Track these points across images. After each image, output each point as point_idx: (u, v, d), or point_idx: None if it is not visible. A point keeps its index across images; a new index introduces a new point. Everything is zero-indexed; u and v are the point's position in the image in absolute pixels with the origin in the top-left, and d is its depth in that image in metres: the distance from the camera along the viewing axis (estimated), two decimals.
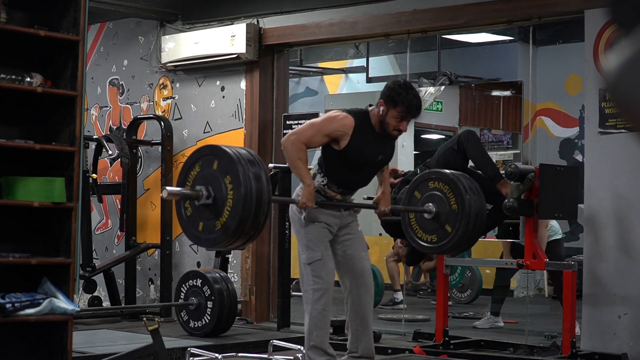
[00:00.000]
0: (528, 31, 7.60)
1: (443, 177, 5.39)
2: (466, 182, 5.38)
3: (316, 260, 4.91)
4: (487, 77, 10.42)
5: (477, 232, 5.39)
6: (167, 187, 4.41)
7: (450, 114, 9.77)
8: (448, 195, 5.33)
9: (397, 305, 9.11)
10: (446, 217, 5.31)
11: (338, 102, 9.19)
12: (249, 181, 4.25)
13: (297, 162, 4.77)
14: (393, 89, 4.89)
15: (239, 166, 4.25)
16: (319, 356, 4.97)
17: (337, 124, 4.85)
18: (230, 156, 4.30)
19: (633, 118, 1.44)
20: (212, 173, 4.34)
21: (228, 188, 4.27)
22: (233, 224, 4.24)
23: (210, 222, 4.32)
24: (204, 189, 4.33)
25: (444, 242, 5.33)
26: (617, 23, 1.52)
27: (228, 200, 4.26)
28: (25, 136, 4.94)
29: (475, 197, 5.34)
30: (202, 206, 4.33)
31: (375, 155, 4.95)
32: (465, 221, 5.25)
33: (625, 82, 1.42)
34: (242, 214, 4.22)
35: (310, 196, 4.75)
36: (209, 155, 4.40)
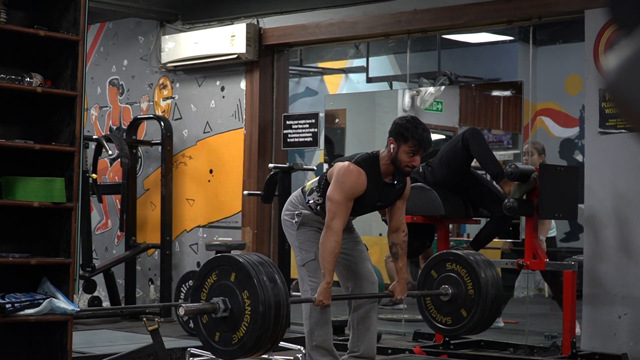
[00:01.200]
0: (528, 31, 7.59)
1: (461, 260, 5.37)
2: (484, 265, 5.35)
3: (310, 261, 4.93)
4: (487, 77, 10.41)
5: (492, 317, 5.39)
6: (183, 304, 4.40)
7: (450, 114, 9.75)
8: (465, 279, 5.32)
9: (397, 305, 9.10)
10: (463, 301, 5.32)
11: (338, 102, 9.18)
12: (267, 295, 4.24)
13: (329, 258, 4.73)
14: (401, 125, 4.86)
15: (256, 281, 4.26)
16: (322, 356, 4.96)
17: (357, 186, 4.79)
18: (247, 270, 4.28)
19: (633, 118, 1.43)
20: (226, 284, 4.33)
21: (245, 302, 4.27)
22: (251, 341, 4.25)
23: (227, 334, 4.33)
24: (220, 301, 4.33)
25: (459, 326, 5.34)
26: (617, 23, 1.52)
27: (245, 316, 4.27)
28: (25, 136, 4.94)
29: (493, 282, 5.30)
30: (220, 319, 4.34)
31: (375, 202, 4.97)
32: (482, 307, 5.25)
33: (625, 82, 1.42)
34: (260, 331, 4.23)
35: (327, 294, 4.75)
36: (226, 265, 4.38)
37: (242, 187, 8.19)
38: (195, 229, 8.55)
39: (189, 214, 8.58)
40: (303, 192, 5.04)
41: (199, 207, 8.52)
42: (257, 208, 8.16)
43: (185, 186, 8.62)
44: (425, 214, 6.41)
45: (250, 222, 8.20)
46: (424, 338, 6.88)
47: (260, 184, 7.92)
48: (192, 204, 8.57)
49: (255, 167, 8.19)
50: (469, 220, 6.71)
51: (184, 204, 8.60)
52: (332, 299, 4.81)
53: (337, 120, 8.74)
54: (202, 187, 8.52)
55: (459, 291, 5.31)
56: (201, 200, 8.52)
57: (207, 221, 8.48)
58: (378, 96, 9.53)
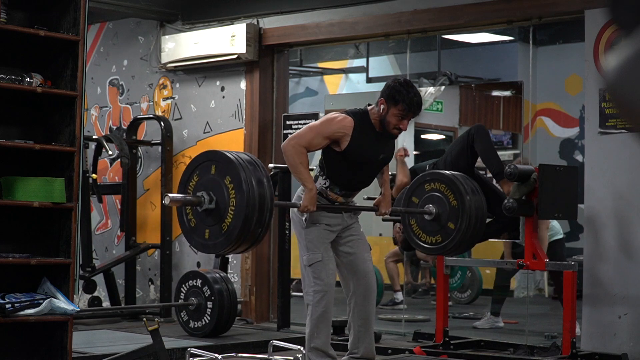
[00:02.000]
0: (528, 31, 7.59)
1: (439, 177, 5.39)
2: (463, 179, 5.38)
3: (316, 262, 4.91)
4: (487, 77, 10.41)
5: (479, 228, 5.39)
6: (168, 194, 4.40)
7: (450, 114, 9.76)
8: (446, 193, 5.33)
9: (397, 306, 9.11)
10: (447, 215, 5.31)
11: (338, 102, 9.19)
12: (250, 183, 4.23)
13: (298, 167, 4.76)
14: (394, 87, 4.88)
15: (239, 168, 4.24)
16: (319, 358, 4.96)
17: (337, 126, 4.84)
18: (229, 159, 4.29)
19: (633, 118, 1.43)
20: (212, 178, 4.32)
21: (229, 190, 4.25)
22: (238, 226, 4.22)
23: (215, 227, 4.30)
24: (205, 194, 4.31)
25: (448, 241, 5.33)
26: (617, 23, 1.52)
27: (231, 202, 4.24)
28: (25, 136, 4.94)
29: (474, 196, 5.33)
30: (205, 212, 4.31)
31: (377, 155, 4.95)
32: (467, 215, 5.26)
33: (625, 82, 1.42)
34: (246, 213, 4.20)
35: (312, 200, 4.75)
36: (207, 161, 4.38)
37: None
38: None
39: None
40: None
41: None
42: None
43: None
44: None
45: None
46: (424, 338, 6.88)
47: None
48: None
49: None
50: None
51: None
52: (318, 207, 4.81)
53: None
54: None
55: (442, 207, 5.31)
56: None
57: None
58: (378, 96, 9.52)
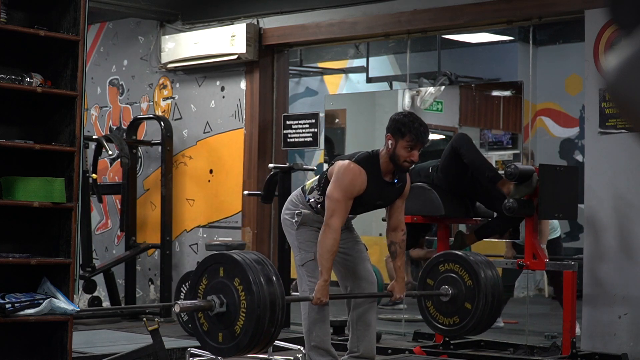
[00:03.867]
0: (528, 31, 7.59)
1: (453, 258, 5.37)
2: (475, 256, 5.35)
3: (309, 261, 4.93)
4: (487, 77, 10.40)
5: (497, 306, 5.31)
6: (178, 301, 4.41)
7: (450, 114, 9.75)
8: (461, 273, 5.30)
9: (397, 305, 9.10)
10: (464, 296, 5.28)
11: (338, 102, 9.18)
12: (259, 283, 4.24)
13: (327, 255, 4.74)
14: (398, 120, 4.87)
15: (247, 269, 4.26)
16: (321, 356, 4.96)
17: (357, 184, 4.80)
18: (236, 260, 4.30)
19: (633, 118, 1.43)
20: (221, 281, 4.33)
21: (239, 292, 4.27)
22: (250, 327, 4.24)
23: (229, 330, 4.32)
24: (215, 297, 4.32)
25: (466, 322, 5.28)
26: (617, 23, 1.52)
27: (242, 304, 4.26)
28: (25, 136, 4.94)
29: (488, 272, 5.28)
30: (217, 316, 4.33)
31: (375, 200, 4.97)
32: (484, 294, 5.20)
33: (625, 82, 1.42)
34: (258, 314, 4.21)
35: (324, 292, 4.75)
36: (215, 264, 4.39)
37: (242, 187, 8.19)
38: (195, 229, 8.55)
39: (189, 214, 8.58)
40: (303, 191, 5.04)
41: (199, 207, 8.53)
42: (257, 208, 8.16)
43: (185, 186, 8.62)
44: (425, 214, 6.41)
45: (250, 222, 8.20)
46: (424, 338, 6.88)
47: (260, 184, 7.92)
48: (192, 204, 8.57)
49: (255, 167, 8.19)
50: (469, 220, 6.70)
51: (184, 204, 8.60)
52: (330, 297, 4.82)
53: (337, 120, 8.74)
54: (202, 187, 8.52)
55: (458, 290, 5.29)
56: (201, 200, 8.52)
57: (207, 221, 8.48)
58: (378, 96, 9.53)
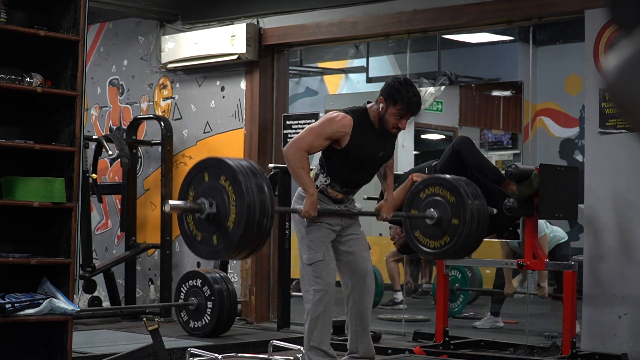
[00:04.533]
0: (528, 31, 7.59)
1: (433, 181, 5.35)
2: (458, 178, 5.32)
3: (317, 261, 4.90)
4: (487, 77, 10.41)
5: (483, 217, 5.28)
6: (169, 200, 4.38)
7: (450, 114, 9.76)
8: (443, 194, 5.27)
9: (397, 305, 9.11)
10: (449, 214, 5.23)
11: (338, 102, 9.18)
12: (251, 191, 4.21)
13: (299, 171, 4.75)
14: (393, 86, 4.88)
15: (240, 176, 4.23)
16: (318, 357, 4.96)
17: (337, 125, 4.84)
18: (231, 167, 4.27)
19: (633, 118, 1.43)
20: (213, 185, 4.31)
21: (231, 199, 4.24)
22: (237, 235, 4.21)
23: (214, 234, 4.29)
24: (206, 201, 4.31)
25: (456, 238, 5.20)
26: (617, 23, 1.52)
27: (231, 211, 4.23)
28: (25, 136, 4.94)
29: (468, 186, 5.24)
30: (205, 219, 4.31)
31: (377, 152, 4.95)
32: (469, 207, 5.15)
33: (625, 82, 1.42)
34: (246, 224, 4.18)
35: (313, 205, 4.74)
36: (209, 167, 4.37)
37: None
38: None
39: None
40: None
41: None
42: None
43: None
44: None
45: None
46: (424, 338, 6.88)
47: None
48: None
49: None
50: None
51: None
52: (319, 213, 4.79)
53: None
54: None
55: (443, 217, 5.23)
56: None
57: None
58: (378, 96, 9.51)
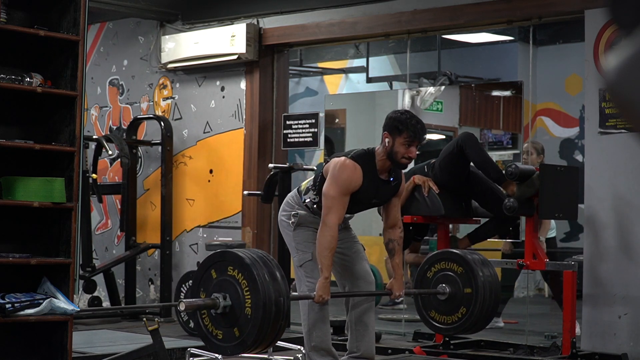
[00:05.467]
0: (528, 31, 7.59)
1: (437, 257, 5.33)
2: (481, 264, 5.27)
3: (307, 261, 4.93)
4: (487, 77, 10.41)
5: (490, 316, 5.27)
6: (183, 300, 4.35)
7: (450, 114, 9.75)
8: (462, 277, 5.24)
9: (397, 305, 9.11)
10: (460, 299, 5.23)
11: (338, 102, 9.18)
12: (264, 280, 4.21)
13: (326, 252, 4.72)
14: (394, 118, 4.88)
15: (251, 266, 4.22)
16: (321, 356, 4.96)
17: (353, 181, 4.80)
18: (248, 266, 4.25)
19: (633, 118, 1.43)
20: (226, 280, 4.29)
21: (246, 298, 4.22)
22: (251, 337, 4.20)
23: (230, 330, 4.29)
24: (220, 296, 4.28)
25: (457, 325, 5.22)
26: (617, 23, 1.52)
27: (246, 302, 4.22)
28: (25, 136, 4.94)
29: (490, 281, 5.21)
30: (220, 315, 4.30)
31: (370, 199, 4.97)
32: (480, 305, 5.13)
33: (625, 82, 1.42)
34: (262, 320, 4.17)
35: (326, 289, 4.74)
36: (221, 261, 4.35)
37: (242, 187, 8.20)
38: (195, 229, 8.55)
39: (189, 214, 8.58)
40: (299, 191, 5.04)
41: (199, 207, 8.53)
42: (257, 208, 8.16)
43: (185, 186, 8.62)
44: (425, 214, 6.40)
45: (250, 222, 8.20)
46: (424, 338, 6.88)
47: (260, 184, 7.92)
48: (192, 204, 8.57)
49: (255, 167, 8.19)
50: (469, 220, 6.70)
51: (184, 204, 8.60)
52: (331, 296, 4.81)
53: (337, 120, 8.74)
54: (202, 187, 8.52)
55: (456, 290, 5.26)
56: (201, 200, 8.52)
57: (207, 221, 8.48)
58: (378, 96, 9.53)
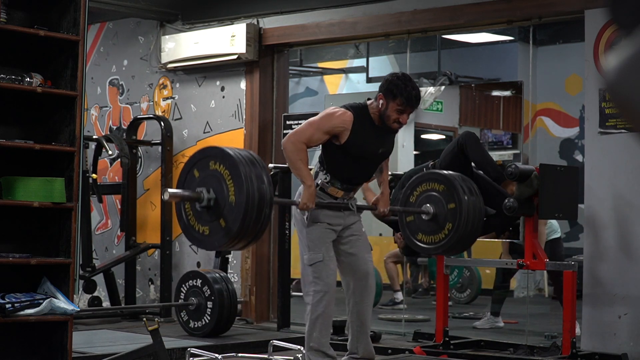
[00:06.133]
0: (528, 31, 7.60)
1: (418, 180, 5.34)
2: (460, 179, 5.30)
3: (317, 262, 4.90)
4: (487, 77, 10.41)
5: (473, 236, 5.31)
6: (168, 188, 4.37)
7: (450, 114, 9.75)
8: (433, 187, 5.25)
9: (397, 306, 9.11)
10: (444, 218, 5.24)
11: (338, 102, 9.14)
12: (250, 182, 4.21)
13: (297, 163, 4.76)
14: (392, 81, 4.89)
15: (240, 167, 4.22)
16: (318, 358, 4.96)
17: (337, 120, 4.86)
18: (231, 157, 4.26)
19: (633, 118, 1.44)
20: (213, 175, 4.29)
21: (230, 189, 4.22)
22: (235, 226, 4.20)
23: (212, 224, 4.28)
24: (205, 190, 4.29)
25: (442, 243, 5.24)
26: (617, 23, 1.52)
27: (230, 198, 4.22)
28: (25, 136, 4.94)
29: (472, 197, 5.25)
30: (204, 208, 4.29)
31: (376, 149, 4.95)
32: (464, 221, 5.17)
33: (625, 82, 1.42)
34: (245, 215, 4.18)
35: (311, 197, 4.74)
36: (209, 157, 4.36)
37: None
38: None
39: None
40: None
41: None
42: None
43: None
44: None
45: None
46: (424, 338, 6.88)
47: None
48: None
49: None
50: None
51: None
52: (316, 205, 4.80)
53: None
54: None
55: (440, 208, 5.23)
56: None
57: None
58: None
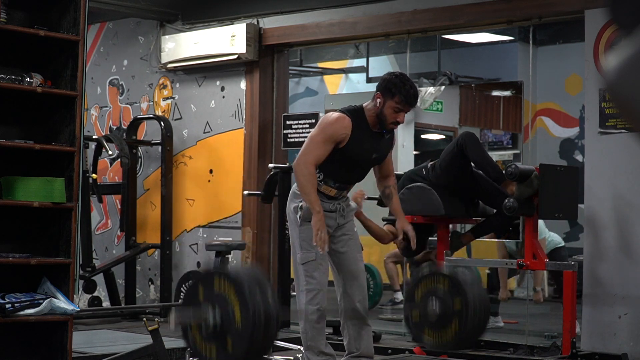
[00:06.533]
0: (528, 31, 7.59)
1: (448, 279, 5.20)
2: (471, 282, 5.13)
3: (310, 261, 4.91)
4: (487, 77, 10.40)
5: (479, 332, 5.16)
6: (172, 315, 4.35)
7: (450, 114, 9.75)
8: (452, 295, 5.11)
9: (396, 305, 9.11)
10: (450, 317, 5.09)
11: (338, 102, 9.17)
12: (255, 298, 4.17)
13: (307, 188, 4.78)
14: (389, 80, 4.89)
15: (243, 284, 4.18)
16: (315, 356, 4.96)
17: (338, 126, 4.85)
18: (232, 276, 4.22)
19: (633, 118, 1.44)
20: (216, 294, 4.25)
21: (234, 306, 4.20)
22: (245, 343, 4.18)
23: (220, 344, 4.26)
24: (210, 309, 4.26)
25: (447, 342, 5.11)
26: (617, 23, 1.52)
27: (236, 319, 4.20)
28: (25, 136, 4.94)
29: (480, 300, 5.06)
30: (211, 329, 4.28)
31: (370, 154, 4.96)
32: (471, 321, 4.98)
33: (625, 82, 1.42)
34: (252, 330, 4.11)
35: (321, 223, 4.77)
36: (212, 275, 4.34)
37: (242, 187, 8.20)
38: (195, 229, 8.55)
39: (189, 214, 8.58)
40: None
41: (199, 207, 8.53)
42: (257, 208, 8.16)
43: (185, 186, 8.62)
44: (425, 214, 6.40)
45: (250, 222, 8.20)
46: None
47: (260, 184, 7.92)
48: (192, 204, 8.57)
49: (255, 167, 8.19)
50: (469, 220, 6.70)
51: (184, 204, 8.60)
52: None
53: None
54: (202, 187, 8.52)
55: (445, 310, 5.11)
56: (201, 200, 8.52)
57: (207, 221, 8.48)
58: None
